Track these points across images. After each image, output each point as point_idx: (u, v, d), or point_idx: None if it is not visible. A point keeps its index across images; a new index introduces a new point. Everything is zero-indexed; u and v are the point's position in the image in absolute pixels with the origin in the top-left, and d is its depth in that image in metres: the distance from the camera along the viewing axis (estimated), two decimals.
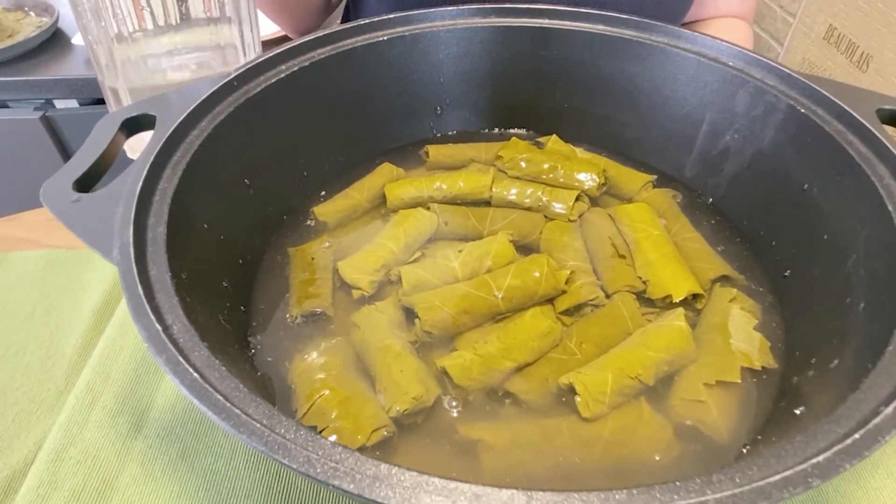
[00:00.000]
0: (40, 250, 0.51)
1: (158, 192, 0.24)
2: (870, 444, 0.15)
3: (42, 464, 0.33)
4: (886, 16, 0.73)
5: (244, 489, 0.32)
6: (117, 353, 0.39)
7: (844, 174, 0.25)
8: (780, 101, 0.28)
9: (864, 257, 0.23)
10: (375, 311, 0.29)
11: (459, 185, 0.35)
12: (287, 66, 0.31)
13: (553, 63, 0.35)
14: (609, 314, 0.29)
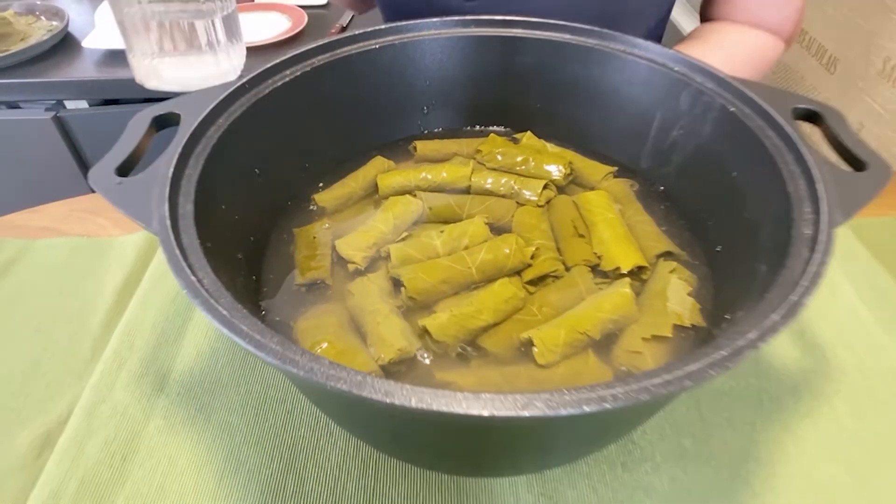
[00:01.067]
0: (64, 238, 0.54)
1: (185, 177, 0.29)
2: (734, 359, 0.20)
3: (77, 418, 0.38)
4: (851, 23, 0.78)
5: (254, 438, 0.37)
6: (140, 325, 0.44)
7: (761, 162, 0.30)
8: (714, 101, 0.34)
9: (771, 231, 0.29)
10: (367, 281, 0.34)
11: (443, 175, 0.40)
12: (291, 71, 0.36)
13: (526, 68, 0.40)
14: (567, 283, 0.34)
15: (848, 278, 0.47)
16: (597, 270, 0.35)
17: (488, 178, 0.39)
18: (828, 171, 0.28)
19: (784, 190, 0.29)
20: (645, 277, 0.34)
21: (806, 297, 0.22)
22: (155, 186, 0.27)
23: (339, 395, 0.19)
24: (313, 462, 0.35)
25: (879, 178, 0.28)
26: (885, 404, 0.38)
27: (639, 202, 0.38)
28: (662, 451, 0.36)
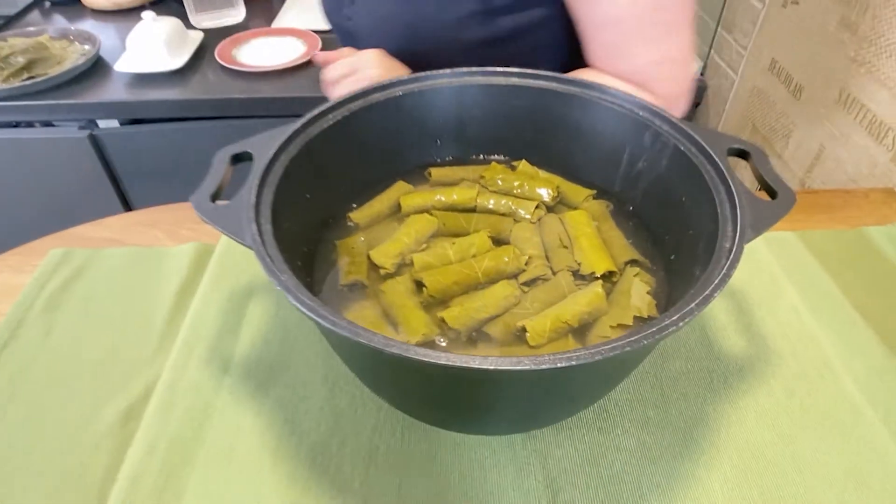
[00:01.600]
0: (124, 248, 0.63)
1: (262, 203, 0.38)
2: (658, 335, 0.29)
3: (161, 392, 0.47)
4: (814, 57, 0.88)
5: (304, 408, 0.46)
6: (203, 319, 0.53)
7: (701, 191, 0.40)
8: (669, 140, 0.43)
9: (705, 244, 0.38)
10: (396, 282, 0.44)
11: (453, 197, 0.49)
12: (333, 115, 0.46)
13: (521, 109, 0.50)
14: (553, 285, 0.43)
15: (793, 282, 0.57)
16: (577, 274, 0.44)
17: (490, 200, 0.49)
18: (747, 198, 0.37)
19: (715, 213, 0.38)
20: (615, 280, 0.44)
21: (716, 291, 0.31)
22: (242, 210, 0.37)
23: (390, 358, 0.29)
24: (352, 426, 0.45)
25: (786, 205, 0.37)
26: (811, 383, 0.48)
27: (612, 219, 0.47)
28: (631, 418, 0.45)
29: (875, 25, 0.76)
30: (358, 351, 0.35)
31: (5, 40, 1.25)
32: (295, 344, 0.50)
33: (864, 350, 0.51)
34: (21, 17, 1.48)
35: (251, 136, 0.42)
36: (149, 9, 1.49)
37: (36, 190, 1.28)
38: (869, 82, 0.78)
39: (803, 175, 0.91)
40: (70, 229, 0.68)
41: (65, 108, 1.15)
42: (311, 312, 0.30)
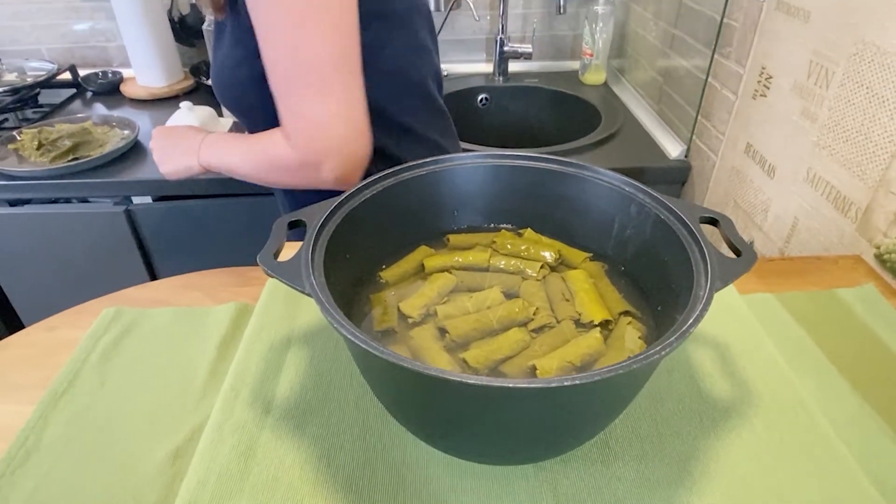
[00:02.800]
0: (171, 307, 0.70)
1: (314, 261, 0.46)
2: (646, 360, 0.36)
3: (210, 431, 0.52)
4: (783, 137, 0.99)
5: (338, 444, 0.52)
6: (246, 368, 0.59)
7: (679, 251, 0.48)
8: (651, 211, 0.52)
9: (684, 295, 0.45)
10: (423, 329, 0.51)
11: (470, 258, 0.57)
12: (369, 190, 0.54)
13: (527, 186, 0.59)
14: (558, 331, 0.51)
15: (771, 336, 0.64)
16: (578, 323, 0.51)
17: (501, 261, 0.57)
18: (716, 256, 0.45)
19: (691, 269, 0.46)
20: (611, 328, 0.51)
21: (692, 327, 0.39)
22: (300, 266, 0.45)
23: (428, 380, 0.36)
24: (382, 460, 0.50)
25: (748, 261, 0.45)
26: (790, 422, 0.54)
27: (607, 278, 0.55)
28: (630, 453, 0.51)
29: (831, 115, 0.87)
30: (395, 377, 0.42)
31: (53, 126, 1.39)
32: (328, 388, 0.57)
33: (838, 397, 0.58)
34: (65, 105, 1.63)
35: (304, 208, 0.51)
36: (184, 98, 1.65)
37: (71, 259, 1.37)
38: (831, 163, 0.88)
39: (782, 245, 0.99)
40: (120, 291, 0.76)
41: (104, 186, 1.27)
42: (363, 343, 0.37)
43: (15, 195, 1.28)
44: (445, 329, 0.51)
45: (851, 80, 0.83)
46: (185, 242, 1.36)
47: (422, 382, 0.38)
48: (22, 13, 1.75)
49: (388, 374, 0.43)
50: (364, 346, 0.37)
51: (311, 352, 0.61)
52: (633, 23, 1.59)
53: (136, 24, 1.56)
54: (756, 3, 1.02)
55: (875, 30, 0.79)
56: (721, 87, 1.14)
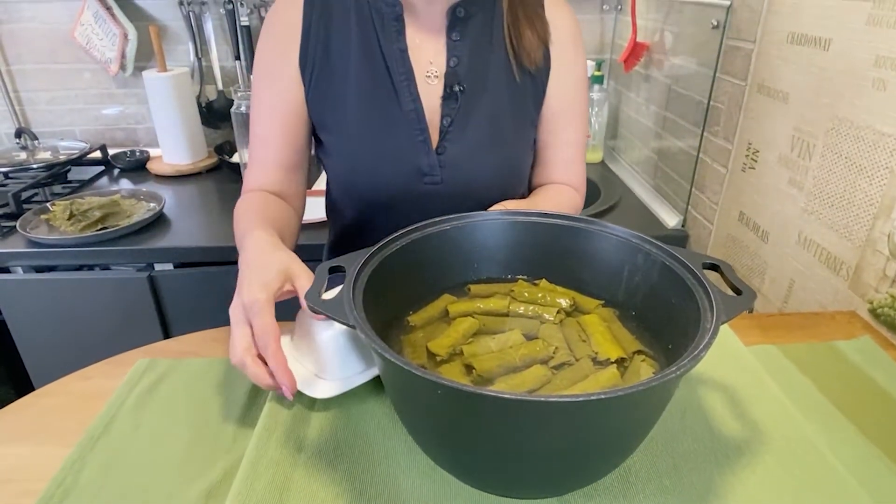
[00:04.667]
0: (202, 358, 0.73)
1: (354, 301, 0.51)
2: (663, 379, 0.40)
3: (245, 468, 0.54)
4: (773, 205, 1.06)
5: (369, 479, 0.54)
6: (278, 410, 0.62)
7: (686, 294, 0.52)
8: (657, 259, 0.57)
9: (692, 330, 0.50)
10: (451, 366, 0.55)
11: (490, 305, 0.62)
12: (399, 243, 0.60)
13: (541, 240, 0.64)
14: (577, 368, 0.54)
15: (777, 382, 0.67)
16: (595, 361, 0.55)
17: (520, 307, 0.61)
18: (720, 295, 0.50)
19: (698, 307, 0.50)
20: (626, 365, 0.55)
21: (702, 353, 0.43)
22: (343, 303, 0.49)
23: (466, 396, 0.39)
24: (410, 493, 0.52)
25: (749, 299, 0.50)
26: (801, 459, 0.56)
27: (619, 321, 0.60)
28: (650, 487, 0.53)
29: (816, 183, 0.95)
30: (432, 400, 0.45)
31: (84, 198, 1.46)
32: (357, 427, 0.60)
33: (846, 439, 0.60)
34: (93, 181, 1.72)
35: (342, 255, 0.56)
36: (206, 175, 1.75)
37: (88, 323, 1.41)
38: (819, 227, 0.94)
39: (780, 305, 1.04)
40: (151, 345, 0.79)
41: (130, 254, 1.33)
42: (405, 365, 0.41)
43: (42, 262, 1.34)
44: (472, 366, 0.54)
45: (831, 151, 0.91)
46: (203, 307, 1.40)
47: (456, 400, 0.42)
48: (59, 98, 1.88)
49: (424, 399, 0.46)
50: (407, 367, 0.41)
51: (340, 395, 0.64)
52: (626, 107, 1.72)
53: (168, 110, 1.68)
54: (739, 87, 1.12)
55: (846, 107, 0.88)
56: (712, 161, 1.23)
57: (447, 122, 0.82)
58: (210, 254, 1.34)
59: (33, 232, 1.34)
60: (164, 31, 1.79)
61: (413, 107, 0.81)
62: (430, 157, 0.82)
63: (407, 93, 0.81)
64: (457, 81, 0.81)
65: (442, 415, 0.47)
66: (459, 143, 0.83)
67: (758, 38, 1.07)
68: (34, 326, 1.41)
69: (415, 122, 0.81)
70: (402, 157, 0.82)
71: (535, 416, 0.41)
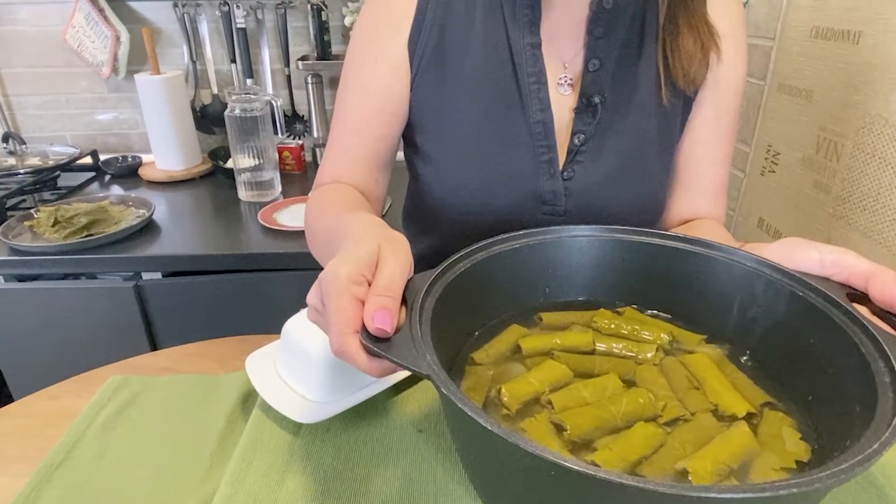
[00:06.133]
0: (180, 375, 0.60)
1: (423, 337, 0.34)
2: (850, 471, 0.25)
3: (219, 502, 0.42)
4: (796, 210, 0.93)
5: None
6: (259, 436, 0.49)
7: (833, 332, 0.38)
8: (784, 288, 0.42)
9: (853, 380, 0.35)
10: (536, 422, 0.39)
11: (570, 341, 0.46)
12: (462, 264, 0.44)
13: (625, 261, 0.48)
14: (696, 425, 0.39)
15: None
16: (715, 415, 0.40)
17: (611, 343, 0.45)
18: (888, 336, 0.35)
19: (859, 351, 0.36)
20: (755, 423, 0.39)
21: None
22: (411, 345, 0.33)
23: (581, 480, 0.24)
24: None
25: None
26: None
27: (731, 363, 0.44)
28: None
29: (845, 186, 0.82)
30: (534, 479, 0.29)
31: (70, 204, 1.25)
32: (348, 456, 0.47)
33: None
34: (82, 187, 1.50)
35: None
36: (199, 181, 1.54)
37: (72, 334, 1.22)
38: (850, 232, 0.82)
39: None
40: (128, 360, 0.64)
41: (117, 262, 1.15)
42: (508, 436, 0.26)
43: (25, 270, 1.14)
44: (563, 426, 0.38)
45: (862, 151, 0.78)
46: (191, 317, 1.23)
47: (585, 488, 0.26)
48: (49, 103, 1.65)
49: (529, 477, 0.30)
50: (511, 439, 0.26)
51: (327, 422, 0.50)
52: None
53: (160, 114, 1.47)
54: (757, 87, 0.99)
55: (880, 103, 0.75)
56: None
57: (579, 141, 0.60)
58: (201, 262, 1.16)
59: (16, 239, 1.14)
60: (158, 33, 1.57)
61: (541, 118, 0.60)
62: (555, 181, 0.61)
63: (536, 99, 0.59)
64: (597, 91, 0.59)
65: (545, 498, 0.31)
66: (592, 167, 0.61)
67: (777, 34, 0.94)
68: (15, 338, 1.22)
69: (541, 137, 0.60)
70: (519, 178, 0.60)
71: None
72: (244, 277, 1.19)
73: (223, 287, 1.19)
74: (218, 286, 1.19)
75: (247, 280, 1.19)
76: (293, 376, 0.51)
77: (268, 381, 0.52)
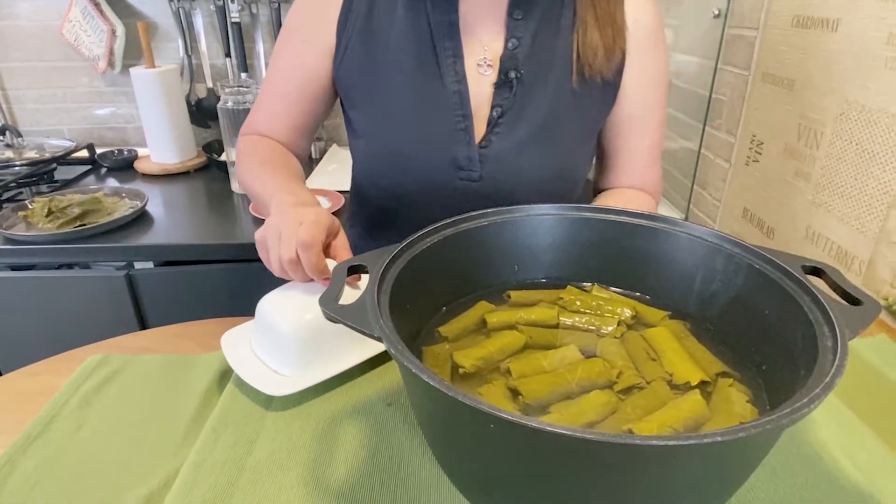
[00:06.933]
0: (159, 354, 0.61)
1: (380, 305, 0.35)
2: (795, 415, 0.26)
3: (186, 471, 0.43)
4: (778, 199, 0.94)
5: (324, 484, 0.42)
6: (230, 410, 0.50)
7: (786, 302, 0.39)
8: (742, 261, 0.43)
9: (801, 347, 0.36)
10: (492, 388, 0.40)
11: (535, 316, 0.47)
12: (429, 239, 0.45)
13: (594, 239, 0.49)
14: (650, 392, 0.40)
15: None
16: (671, 384, 0.41)
17: (573, 318, 0.46)
18: (835, 305, 0.36)
19: (807, 318, 0.36)
20: (709, 391, 0.40)
21: (836, 378, 0.29)
22: (366, 310, 0.34)
23: (525, 432, 0.25)
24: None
25: (873, 310, 0.36)
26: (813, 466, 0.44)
27: (692, 336, 0.45)
28: None
29: (825, 173, 0.82)
30: (480, 433, 0.30)
31: (64, 195, 1.26)
32: (316, 429, 0.48)
33: (864, 445, 0.48)
34: (78, 180, 1.51)
35: (363, 254, 0.40)
36: (194, 174, 1.56)
37: (63, 323, 1.23)
38: (828, 219, 0.82)
39: None
40: (109, 339, 0.65)
41: (110, 251, 1.15)
42: (448, 390, 0.27)
43: (19, 260, 1.15)
44: (518, 390, 0.39)
45: (840, 138, 0.79)
46: (182, 306, 1.23)
47: (521, 439, 0.27)
48: (46, 97, 1.66)
49: (469, 432, 0.31)
50: (450, 393, 0.26)
51: (299, 396, 0.51)
52: None
53: (155, 107, 1.48)
54: (742, 77, 0.99)
55: (857, 90, 0.75)
56: (714, 156, 1.10)
57: (497, 114, 0.64)
58: (192, 252, 1.17)
59: (10, 229, 1.15)
60: (154, 27, 1.58)
61: (457, 88, 0.63)
62: (471, 149, 0.65)
63: (452, 71, 0.63)
64: (514, 67, 0.63)
65: (491, 453, 0.32)
66: (507, 138, 0.65)
67: (761, 24, 0.94)
68: (8, 327, 1.22)
69: (457, 107, 0.64)
70: (437, 145, 0.65)
71: (624, 461, 0.27)
72: (235, 267, 1.19)
73: (215, 276, 1.20)
74: (209, 276, 1.20)
75: (237, 270, 1.20)
76: (266, 352, 0.52)
77: (242, 356, 0.53)
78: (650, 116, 0.71)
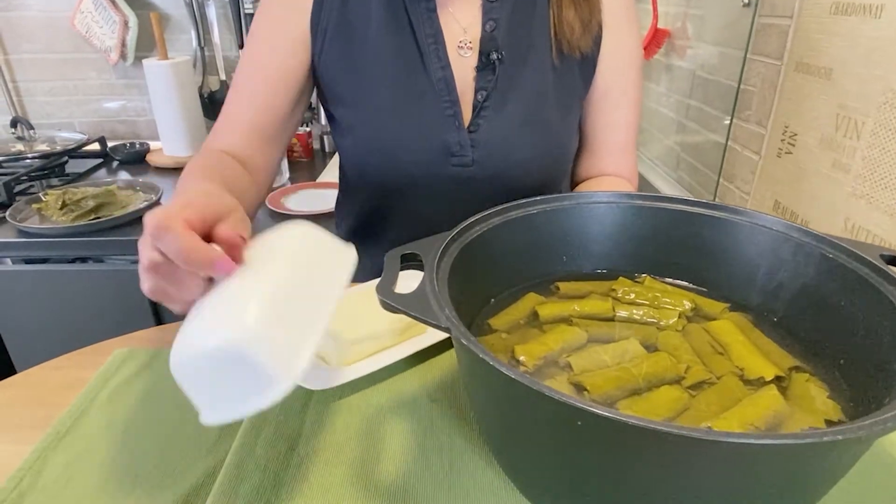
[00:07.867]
0: None
1: (439, 292, 0.33)
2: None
3: (228, 470, 0.41)
4: (814, 191, 0.91)
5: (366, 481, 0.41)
6: None
7: (867, 293, 0.36)
8: (814, 251, 0.40)
9: (891, 340, 0.33)
10: (556, 383, 0.37)
11: (589, 308, 0.45)
12: (478, 228, 0.42)
13: (646, 229, 0.47)
14: (723, 388, 0.38)
15: None
16: (742, 380, 0.38)
17: (630, 310, 0.44)
18: None
19: (892, 309, 0.34)
20: (784, 386, 0.38)
21: None
22: (427, 298, 0.32)
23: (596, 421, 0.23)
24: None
25: None
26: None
27: (758, 329, 0.43)
28: None
29: (866, 164, 0.80)
30: (561, 430, 0.28)
31: (77, 188, 1.25)
32: (360, 424, 0.46)
33: None
34: (90, 173, 1.49)
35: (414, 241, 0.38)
36: None
37: (77, 316, 1.21)
38: (870, 211, 0.79)
39: None
40: (134, 333, 0.63)
41: (124, 245, 1.13)
42: (532, 384, 0.24)
43: (33, 253, 1.13)
44: (583, 386, 0.37)
45: (884, 128, 0.76)
46: None
47: (609, 435, 0.24)
48: (57, 89, 1.64)
49: (548, 428, 0.29)
50: (535, 387, 0.24)
51: (338, 388, 0.49)
52: (645, 98, 1.55)
53: (168, 99, 1.45)
54: (773, 68, 0.97)
55: None
56: (742, 148, 1.07)
57: (482, 97, 0.64)
58: None
59: (24, 222, 1.13)
60: (167, 19, 1.56)
61: (442, 75, 0.63)
62: (461, 134, 0.64)
63: (435, 58, 0.62)
64: (494, 48, 0.63)
65: (570, 448, 0.30)
66: (495, 120, 0.64)
67: (795, 12, 0.91)
68: (23, 320, 1.21)
69: (444, 93, 0.63)
70: (427, 133, 0.64)
71: (733, 463, 0.25)
72: None
73: None
74: None
75: None
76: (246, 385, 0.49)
77: None
78: (624, 91, 0.71)
